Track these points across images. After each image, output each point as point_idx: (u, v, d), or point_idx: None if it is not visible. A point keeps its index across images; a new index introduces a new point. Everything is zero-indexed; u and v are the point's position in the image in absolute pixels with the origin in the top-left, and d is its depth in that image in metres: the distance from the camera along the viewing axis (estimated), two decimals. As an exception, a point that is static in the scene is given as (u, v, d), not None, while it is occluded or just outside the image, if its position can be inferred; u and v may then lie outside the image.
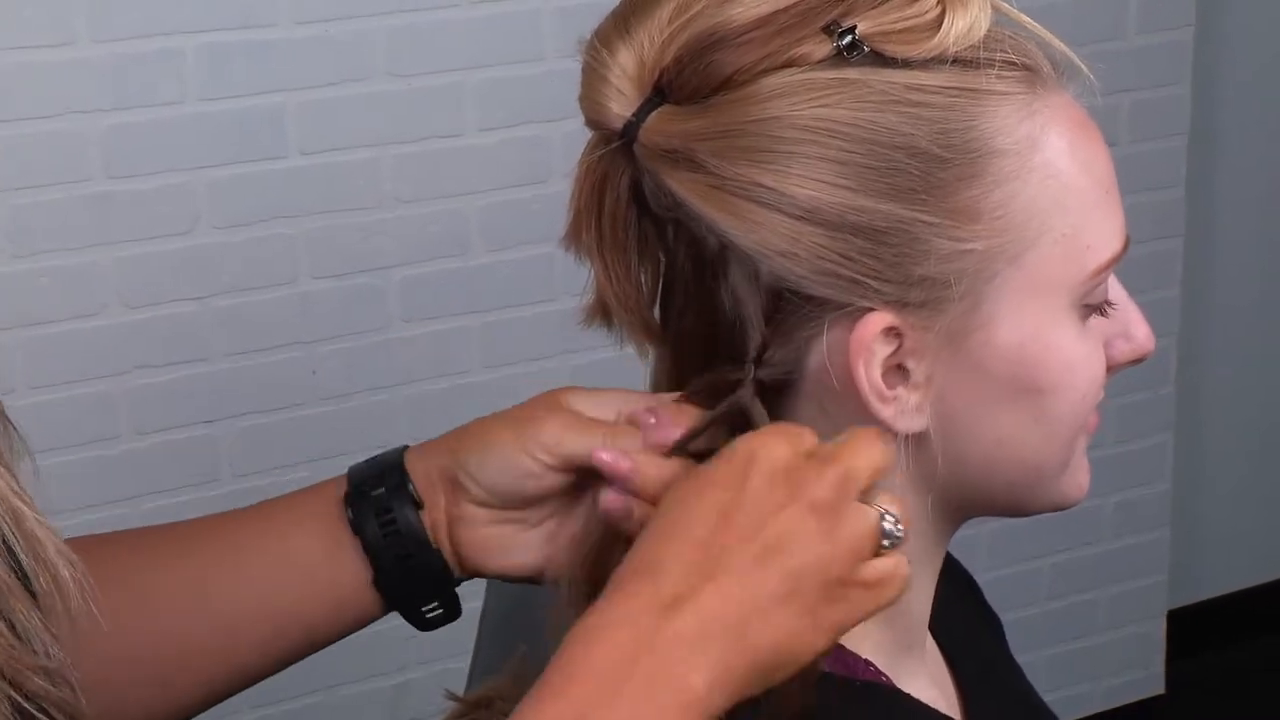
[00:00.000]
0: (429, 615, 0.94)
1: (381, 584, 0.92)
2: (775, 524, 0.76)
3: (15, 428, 0.66)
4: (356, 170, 2.16)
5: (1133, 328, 0.88)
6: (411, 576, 0.92)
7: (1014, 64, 0.82)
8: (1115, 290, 0.87)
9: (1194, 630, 3.03)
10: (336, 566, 0.92)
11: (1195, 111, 2.70)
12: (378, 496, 0.92)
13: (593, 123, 0.85)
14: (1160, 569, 2.87)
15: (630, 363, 0.95)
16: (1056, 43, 0.85)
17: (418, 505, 0.91)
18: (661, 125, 0.82)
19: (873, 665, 0.88)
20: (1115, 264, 0.85)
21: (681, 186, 0.81)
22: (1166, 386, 2.78)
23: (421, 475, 0.92)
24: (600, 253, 0.86)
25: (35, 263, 2.01)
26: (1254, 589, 3.17)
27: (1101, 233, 0.84)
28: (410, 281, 2.22)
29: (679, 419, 0.86)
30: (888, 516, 0.78)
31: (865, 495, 0.78)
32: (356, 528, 0.92)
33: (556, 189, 2.25)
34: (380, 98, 2.15)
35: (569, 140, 2.20)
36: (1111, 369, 0.88)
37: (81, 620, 0.68)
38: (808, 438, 0.79)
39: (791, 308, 0.82)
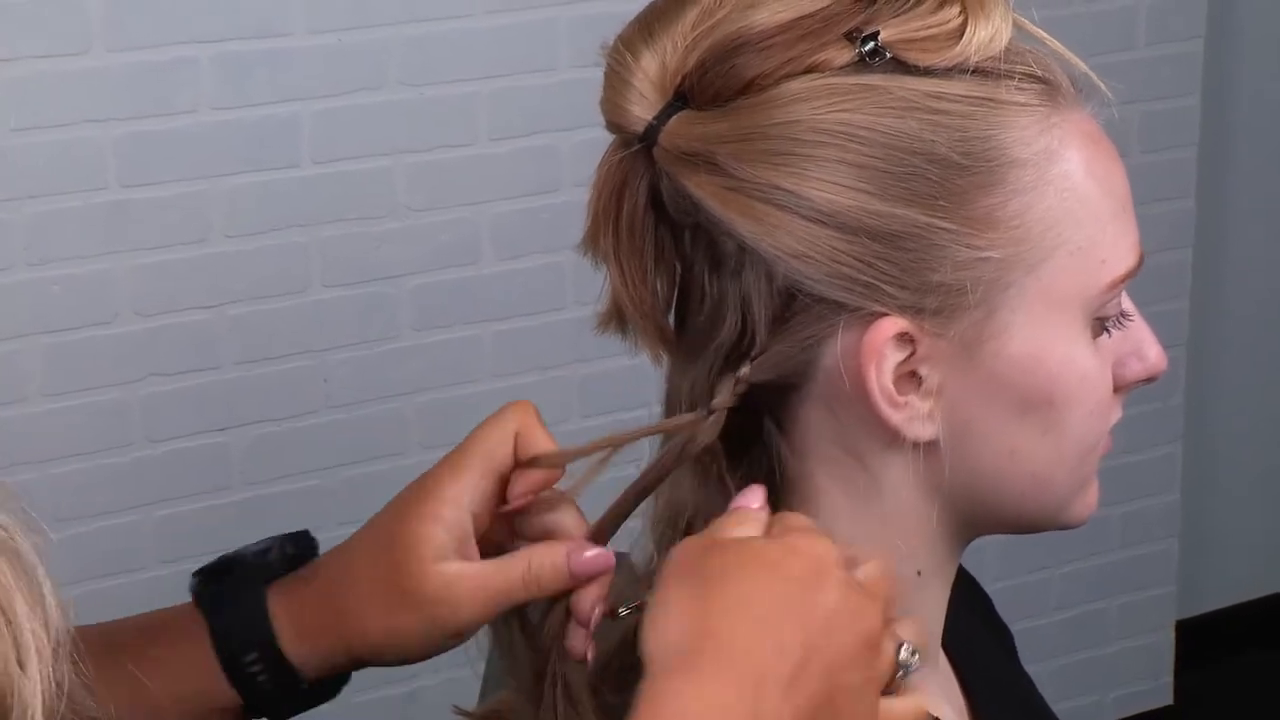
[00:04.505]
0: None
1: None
2: (838, 645, 0.76)
3: None
4: (369, 179, 2.17)
5: (1145, 347, 0.89)
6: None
7: (1034, 77, 0.83)
8: (1128, 308, 0.88)
9: (1203, 641, 3.02)
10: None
11: (1205, 123, 2.71)
12: (262, 684, 0.90)
13: (614, 126, 0.85)
14: (1169, 579, 2.87)
15: (638, 373, 0.95)
16: (1075, 60, 0.85)
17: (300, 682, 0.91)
18: (682, 129, 0.82)
19: (884, 680, 0.89)
20: (1129, 279, 0.85)
21: (700, 189, 0.82)
22: (1175, 397, 2.78)
23: (297, 654, 0.90)
24: (617, 257, 0.86)
25: (49, 270, 2.01)
26: (1263, 600, 3.16)
27: (1116, 248, 0.84)
28: (422, 290, 2.23)
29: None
30: (905, 647, 0.79)
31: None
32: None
33: (568, 198, 2.29)
34: (393, 107, 2.16)
35: (580, 150, 2.21)
36: (1124, 388, 0.88)
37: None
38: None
39: (803, 310, 0.83)
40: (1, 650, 0.55)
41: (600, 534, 0.89)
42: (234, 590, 0.91)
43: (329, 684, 0.93)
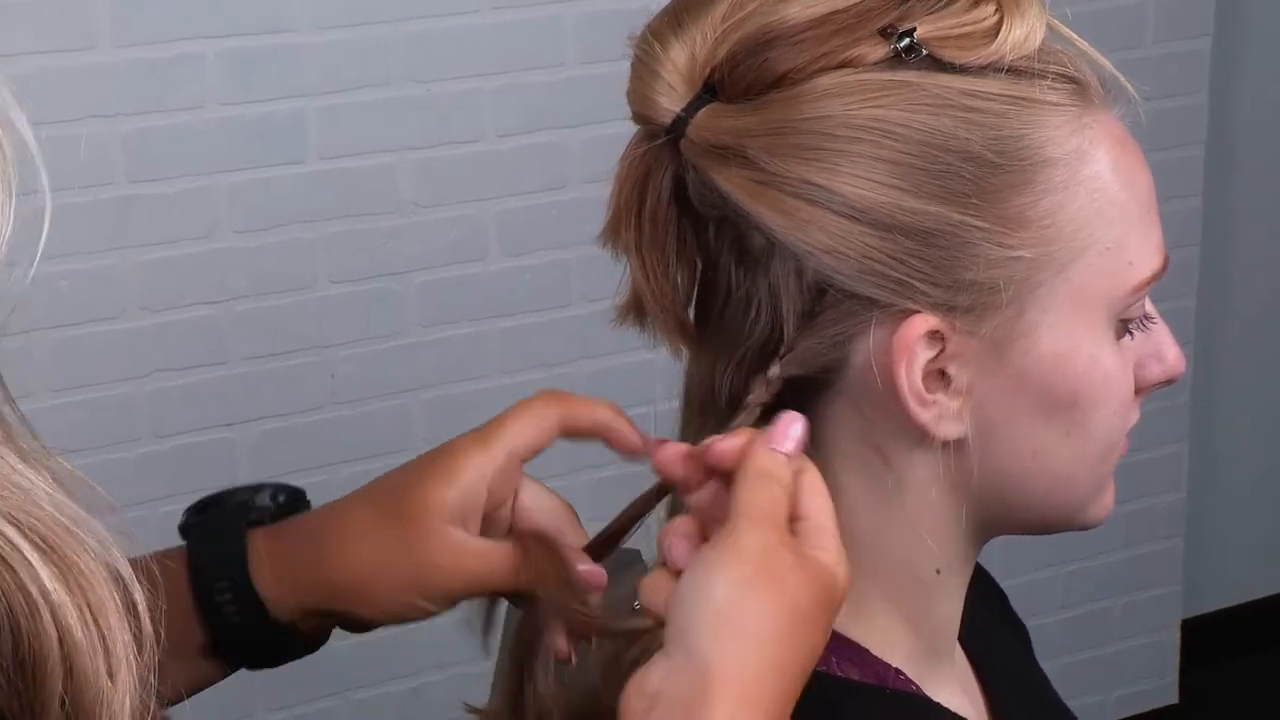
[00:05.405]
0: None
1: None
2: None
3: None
4: (375, 175, 2.17)
5: (1165, 349, 0.89)
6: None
7: (1066, 77, 0.83)
8: (1151, 310, 0.88)
9: (1208, 640, 3.02)
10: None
11: (1212, 121, 2.71)
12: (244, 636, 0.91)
13: (640, 117, 0.85)
14: (1174, 578, 2.87)
15: (644, 369, 0.95)
16: (1104, 61, 0.85)
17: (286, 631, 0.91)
18: (711, 121, 0.82)
19: (903, 674, 0.89)
20: (1155, 281, 0.85)
21: (729, 183, 0.81)
22: (1181, 396, 2.78)
23: (271, 593, 0.90)
24: (639, 250, 0.86)
25: (55, 266, 2.01)
26: (1268, 599, 3.16)
27: (1143, 249, 0.84)
28: (428, 286, 2.23)
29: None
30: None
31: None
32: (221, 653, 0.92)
33: (574, 195, 2.29)
34: (399, 103, 2.16)
35: (587, 147, 2.22)
36: (1143, 390, 0.88)
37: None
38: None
39: (833, 306, 0.82)
40: (94, 661, 0.55)
41: (601, 547, 0.89)
42: (216, 521, 0.93)
43: (296, 645, 0.93)
